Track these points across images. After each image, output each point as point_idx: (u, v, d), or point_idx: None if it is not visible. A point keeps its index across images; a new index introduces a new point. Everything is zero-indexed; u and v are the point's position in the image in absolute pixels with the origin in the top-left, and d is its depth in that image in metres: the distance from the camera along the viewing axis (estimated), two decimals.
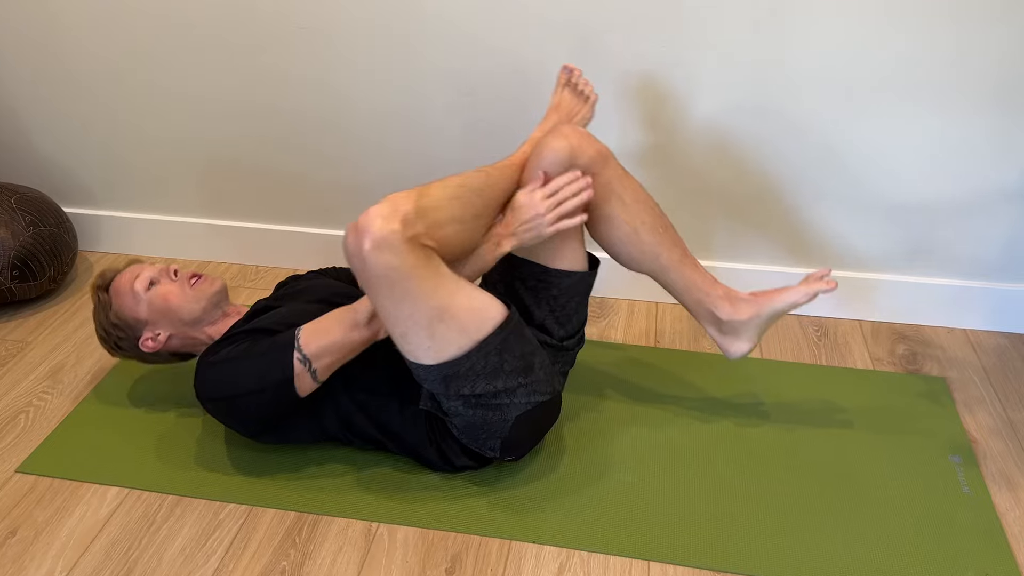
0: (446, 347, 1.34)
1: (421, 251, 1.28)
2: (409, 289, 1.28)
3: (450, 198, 1.34)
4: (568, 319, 1.57)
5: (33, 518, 1.49)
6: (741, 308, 1.55)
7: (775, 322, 1.54)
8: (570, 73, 1.65)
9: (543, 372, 1.44)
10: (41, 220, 2.00)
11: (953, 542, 1.43)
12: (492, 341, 1.36)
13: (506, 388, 1.39)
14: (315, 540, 1.44)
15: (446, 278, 1.33)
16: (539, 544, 1.43)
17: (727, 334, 1.58)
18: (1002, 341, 1.94)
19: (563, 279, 1.54)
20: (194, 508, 1.51)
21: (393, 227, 1.24)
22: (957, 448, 1.63)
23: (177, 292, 1.60)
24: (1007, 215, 1.84)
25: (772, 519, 1.48)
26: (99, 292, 1.64)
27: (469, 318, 1.34)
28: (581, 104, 1.65)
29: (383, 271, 1.26)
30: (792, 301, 1.53)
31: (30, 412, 1.73)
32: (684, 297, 1.58)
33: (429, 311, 1.31)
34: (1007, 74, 1.69)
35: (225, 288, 1.66)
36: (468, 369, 1.36)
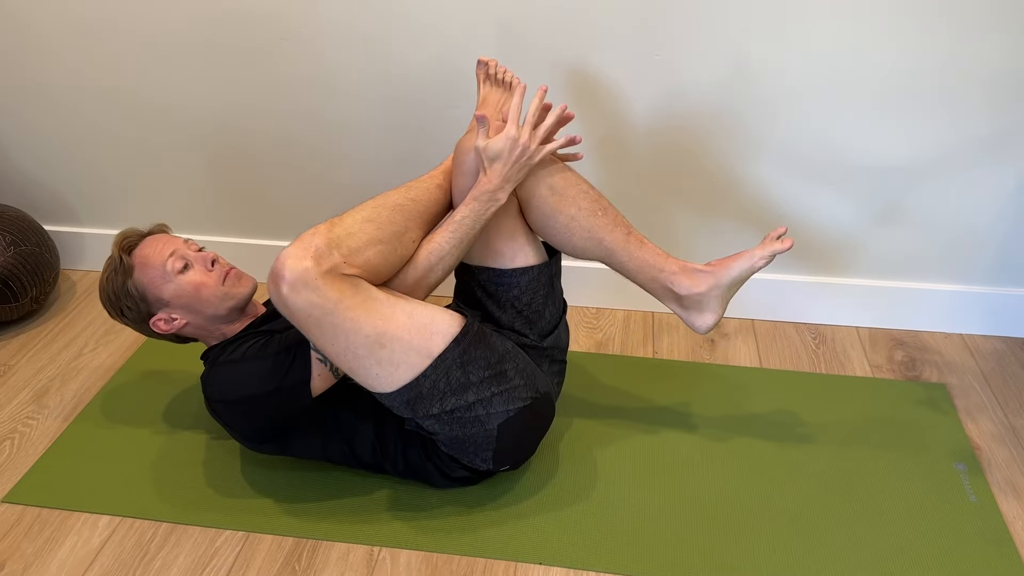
0: (397, 372, 1.31)
1: (342, 281, 1.25)
2: (338, 323, 1.25)
3: (364, 221, 1.31)
4: (538, 316, 1.52)
5: (21, 551, 1.44)
6: (698, 280, 1.47)
7: (738, 289, 1.49)
8: (486, 67, 1.60)
9: (520, 377, 1.40)
10: (22, 239, 1.94)
11: (962, 552, 1.42)
12: (449, 356, 1.33)
13: (479, 399, 1.36)
14: (315, 567, 1.41)
15: (378, 302, 1.29)
16: (545, 565, 1.40)
17: (690, 308, 1.51)
18: (999, 345, 1.93)
19: (520, 276, 1.48)
20: (189, 536, 1.46)
21: (305, 265, 1.21)
22: (961, 456, 1.62)
23: (211, 286, 1.50)
24: (1001, 220, 1.84)
25: (778, 531, 1.46)
26: (122, 253, 1.50)
27: (413, 338, 1.31)
28: (506, 94, 1.60)
29: (306, 311, 1.23)
30: (750, 265, 1.45)
31: (15, 439, 1.68)
32: (638, 277, 1.51)
33: (366, 340, 1.27)
34: (1001, 80, 1.68)
35: (255, 289, 1.57)
36: (430, 389, 1.33)
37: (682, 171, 1.87)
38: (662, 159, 1.86)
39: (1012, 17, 1.62)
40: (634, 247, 1.49)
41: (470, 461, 1.44)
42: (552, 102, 1.48)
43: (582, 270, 2.00)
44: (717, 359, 1.90)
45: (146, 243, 1.52)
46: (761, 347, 1.93)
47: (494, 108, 1.60)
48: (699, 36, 1.70)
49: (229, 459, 1.61)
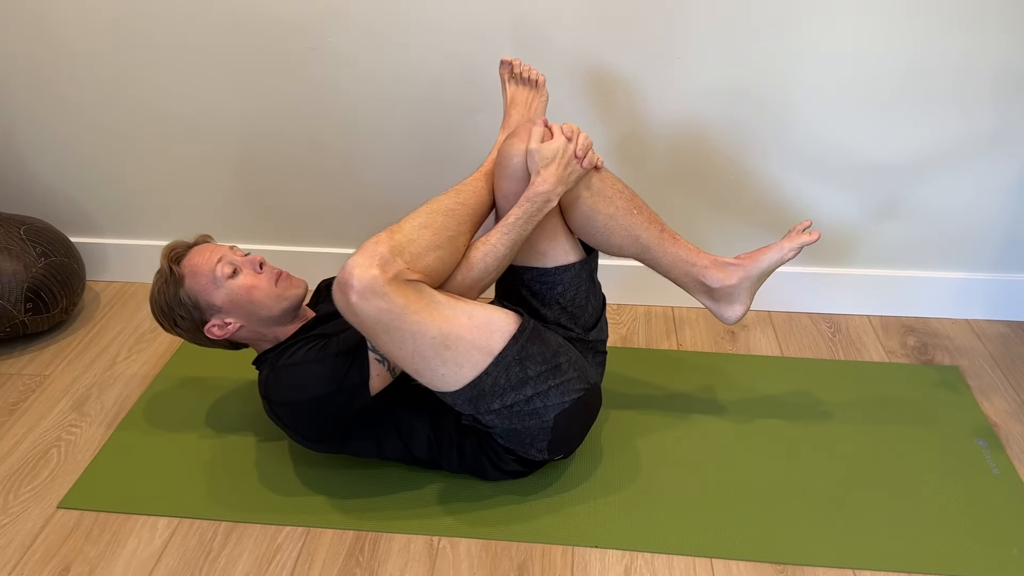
0: (461, 371, 1.37)
1: (407, 287, 1.30)
2: (405, 327, 1.30)
3: (421, 227, 1.36)
4: (582, 310, 1.58)
5: (84, 554, 1.46)
6: (730, 273, 1.55)
7: (764, 281, 1.56)
8: (510, 67, 1.66)
9: (573, 370, 1.46)
10: (52, 251, 1.95)
11: (992, 522, 1.50)
12: (509, 354, 1.39)
13: (537, 392, 1.41)
14: (378, 558, 1.44)
15: (441, 305, 1.35)
16: (601, 548, 1.46)
17: (720, 300, 1.58)
18: (1003, 329, 2.03)
19: (563, 274, 1.54)
20: (250, 534, 1.49)
21: (373, 273, 1.26)
22: (981, 432, 1.70)
23: (263, 287, 1.52)
24: (1004, 209, 1.94)
25: (817, 510, 1.52)
26: (171, 264, 1.53)
27: (476, 337, 1.36)
28: (533, 91, 1.66)
29: (375, 317, 1.28)
30: (779, 257, 1.53)
31: (61, 446, 1.69)
32: (672, 272, 1.58)
33: (432, 341, 1.33)
34: (1003, 76, 1.78)
35: (306, 291, 1.60)
36: (492, 385, 1.38)
37: (698, 169, 1.94)
38: (679, 158, 1.93)
39: (1013, 16, 1.71)
40: (668, 243, 1.55)
41: (525, 452, 1.48)
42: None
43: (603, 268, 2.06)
44: (739, 349, 1.97)
45: (193, 252, 1.55)
46: (780, 337, 2.01)
47: (523, 106, 1.65)
48: (717, 39, 1.78)
49: (279, 460, 1.65)
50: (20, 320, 1.90)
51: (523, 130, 1.45)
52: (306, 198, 2.08)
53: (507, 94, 1.67)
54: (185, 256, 1.55)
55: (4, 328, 1.90)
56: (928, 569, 1.41)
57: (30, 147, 2.07)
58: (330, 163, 2.03)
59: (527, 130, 1.44)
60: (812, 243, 1.53)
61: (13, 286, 1.87)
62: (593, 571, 1.42)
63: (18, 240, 1.91)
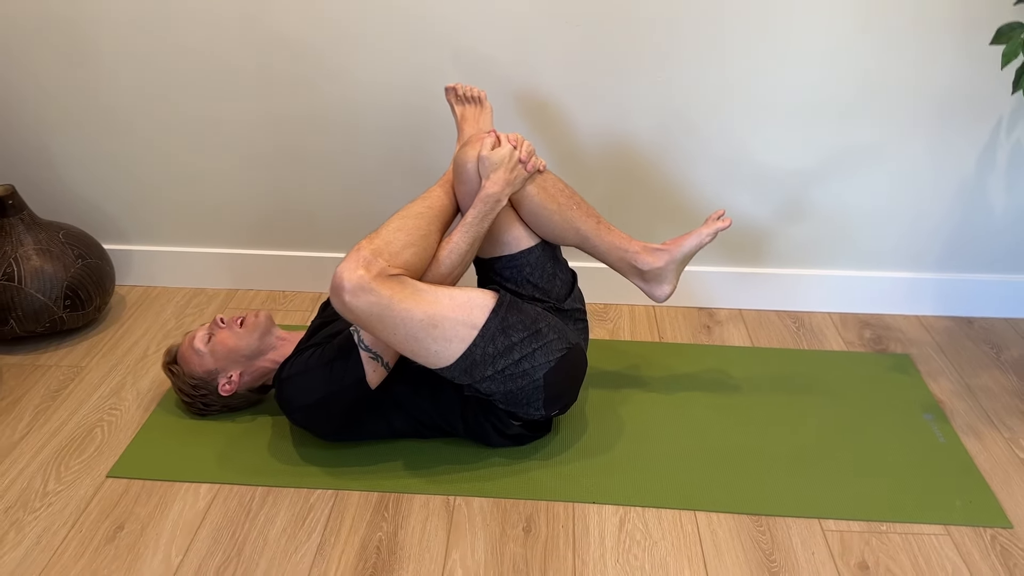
0: (451, 345, 1.57)
1: (391, 280, 1.52)
2: (395, 314, 1.51)
3: (396, 230, 1.59)
4: (551, 284, 1.78)
5: (135, 514, 1.62)
6: (658, 257, 1.78)
7: (687, 262, 1.81)
8: (454, 91, 1.92)
9: (553, 332, 1.66)
10: (87, 253, 2.13)
11: (938, 479, 1.72)
12: (491, 325, 1.59)
13: (523, 355, 1.61)
14: (401, 513, 1.62)
15: (424, 292, 1.56)
16: (598, 504, 1.65)
17: (650, 281, 1.81)
18: (949, 324, 2.27)
19: (528, 256, 1.76)
20: (284, 496, 1.67)
21: (359, 273, 1.49)
22: (928, 408, 1.93)
23: (230, 335, 1.80)
24: (950, 216, 2.19)
25: (786, 471, 1.73)
26: (170, 367, 1.84)
27: (459, 314, 1.57)
28: (478, 106, 1.92)
29: (368, 310, 1.50)
30: (698, 242, 1.76)
31: (104, 426, 1.86)
32: (608, 258, 1.79)
33: (421, 324, 1.54)
34: (948, 95, 2.04)
35: (270, 317, 1.85)
36: (482, 355, 1.58)
37: (633, 177, 2.18)
38: (616, 167, 2.17)
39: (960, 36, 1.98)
40: (604, 233, 1.78)
41: (525, 412, 1.68)
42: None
43: (591, 271, 2.27)
44: (715, 342, 2.18)
45: (179, 348, 1.85)
46: (751, 331, 2.23)
47: (473, 120, 1.91)
48: (658, 58, 2.03)
49: (305, 434, 1.82)
50: (59, 316, 2.07)
51: (474, 140, 1.68)
52: (328, 207, 2.28)
53: (456, 113, 1.93)
54: (176, 354, 1.84)
55: (44, 323, 2.06)
56: (884, 518, 1.62)
57: (63, 158, 2.26)
58: (352, 174, 2.23)
59: (478, 140, 1.67)
60: (725, 229, 1.77)
61: (54, 284, 2.04)
62: (592, 523, 1.61)
63: (58, 243, 2.09)
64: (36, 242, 2.06)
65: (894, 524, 1.61)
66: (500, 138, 1.67)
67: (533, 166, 1.67)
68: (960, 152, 2.12)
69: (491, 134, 1.67)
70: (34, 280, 2.03)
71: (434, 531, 1.59)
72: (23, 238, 2.06)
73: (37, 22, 2.08)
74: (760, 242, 2.26)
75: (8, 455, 1.77)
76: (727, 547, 1.56)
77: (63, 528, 1.59)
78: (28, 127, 2.22)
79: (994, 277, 2.26)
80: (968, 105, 2.05)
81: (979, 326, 2.26)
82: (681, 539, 1.58)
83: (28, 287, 2.02)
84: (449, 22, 2.02)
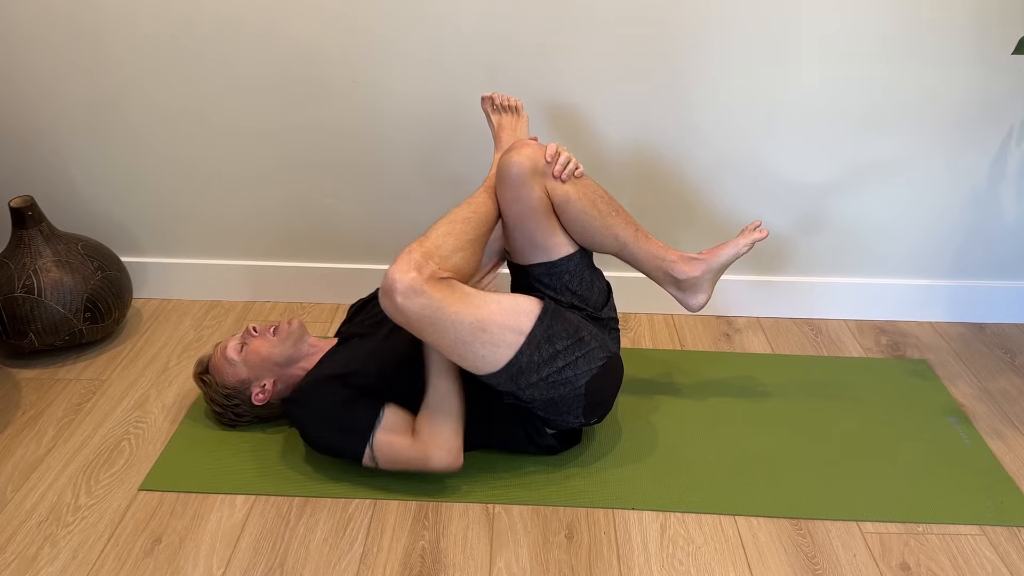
0: (498, 351, 1.57)
1: (442, 284, 1.53)
2: (446, 317, 1.52)
3: (445, 234, 1.60)
4: (589, 292, 1.78)
5: (172, 527, 1.60)
6: (694, 266, 1.79)
7: (723, 273, 1.83)
8: (491, 100, 1.94)
9: (595, 340, 1.67)
10: (106, 265, 2.11)
11: (968, 481, 1.74)
12: (537, 333, 1.60)
13: (567, 364, 1.62)
14: (442, 522, 1.62)
15: (473, 296, 1.57)
16: (638, 510, 1.65)
17: (686, 290, 1.82)
18: (961, 330, 2.31)
19: (567, 263, 1.76)
20: (322, 506, 1.65)
21: (412, 275, 1.49)
22: (951, 412, 1.96)
23: (264, 343, 1.80)
24: (961, 223, 2.23)
25: (820, 475, 1.75)
26: (202, 376, 1.83)
27: (506, 319, 1.58)
28: (514, 116, 1.94)
29: (419, 312, 1.51)
30: (735, 252, 1.77)
31: (131, 439, 1.83)
32: (645, 266, 1.80)
33: (470, 327, 1.54)
34: (961, 105, 2.08)
35: (303, 324, 1.84)
36: (528, 363, 1.59)
37: (656, 186, 2.21)
38: (640, 175, 2.19)
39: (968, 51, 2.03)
40: (642, 240, 1.79)
41: (564, 420, 1.68)
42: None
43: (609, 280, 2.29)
44: (735, 349, 2.20)
45: (211, 358, 1.84)
46: (770, 338, 2.25)
47: (510, 129, 1.92)
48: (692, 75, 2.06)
49: None
50: (79, 328, 2.04)
51: (519, 145, 1.69)
52: (349, 217, 2.28)
53: (493, 123, 1.94)
54: (208, 364, 1.84)
55: (64, 336, 2.03)
56: (920, 519, 1.64)
57: (79, 169, 2.23)
58: (375, 184, 2.23)
59: (524, 145, 1.68)
60: (762, 239, 1.79)
61: (74, 296, 2.02)
62: (633, 529, 1.61)
63: (77, 255, 2.06)
64: (55, 254, 2.04)
65: (930, 525, 1.63)
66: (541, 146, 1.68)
67: (569, 173, 1.69)
68: (972, 161, 2.16)
69: (534, 141, 1.68)
70: (54, 292, 2.00)
71: (476, 539, 1.58)
72: (42, 250, 2.03)
73: (57, 33, 2.07)
74: (777, 251, 2.28)
75: (35, 469, 1.74)
76: (769, 551, 1.57)
77: (99, 542, 1.56)
78: (45, 138, 2.19)
79: (1005, 283, 2.30)
80: (980, 115, 2.10)
81: (991, 331, 2.30)
82: (723, 543, 1.58)
83: (48, 299, 2.00)
84: (478, 30, 2.04)
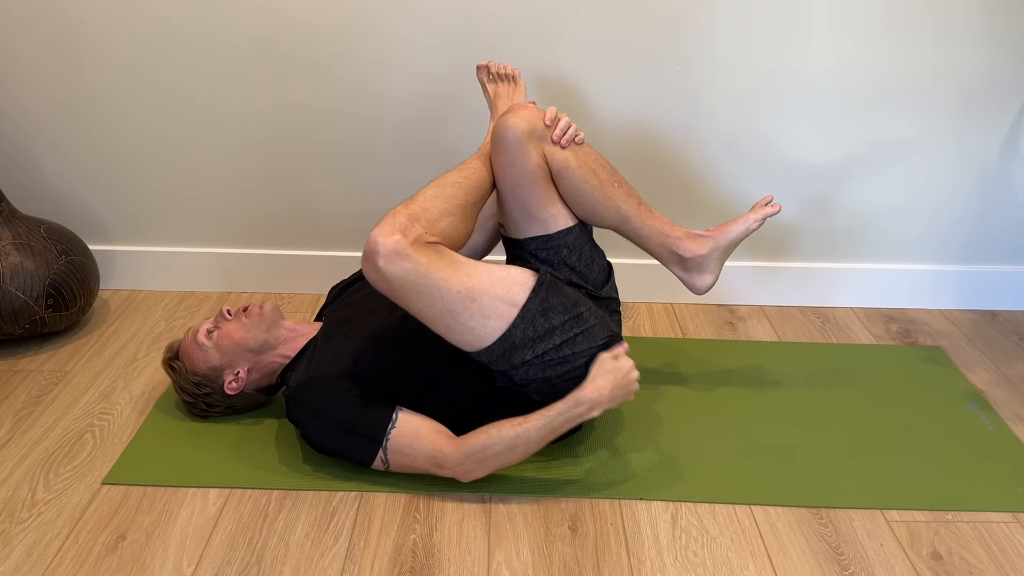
0: (488, 323, 1.45)
1: (428, 248, 1.40)
2: (432, 283, 1.40)
3: (433, 198, 1.47)
4: (589, 269, 1.66)
5: (138, 522, 1.46)
6: (701, 244, 1.67)
7: (731, 252, 1.70)
8: (487, 69, 1.83)
9: (595, 318, 1.54)
10: (71, 250, 1.97)
11: (995, 467, 1.63)
12: (531, 306, 1.47)
13: (564, 340, 1.49)
14: (434, 514, 1.48)
15: (462, 263, 1.45)
16: (646, 500, 1.53)
17: (691, 270, 1.70)
18: (973, 317, 2.21)
19: (566, 236, 1.63)
20: (303, 499, 1.52)
21: (395, 238, 1.37)
22: (971, 397, 1.85)
23: (237, 327, 1.66)
24: (970, 205, 2.14)
25: (839, 464, 1.63)
26: (171, 362, 1.69)
27: (498, 289, 1.46)
28: (511, 85, 1.83)
29: (403, 278, 1.38)
30: (745, 228, 1.66)
31: (95, 431, 1.69)
32: (649, 243, 1.68)
33: (458, 296, 1.42)
34: (969, 85, 2.00)
35: (276, 308, 1.70)
36: (521, 338, 1.46)
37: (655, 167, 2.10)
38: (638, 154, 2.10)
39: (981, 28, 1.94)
40: (645, 215, 1.68)
41: None
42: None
43: None
44: (740, 338, 2.09)
45: (180, 343, 1.70)
46: (776, 327, 2.14)
47: (507, 99, 1.80)
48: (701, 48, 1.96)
49: None
50: (40, 317, 1.90)
51: (516, 108, 1.55)
52: (333, 201, 2.15)
53: (489, 92, 1.82)
54: (177, 350, 1.69)
55: (24, 324, 1.89)
56: (948, 507, 1.52)
57: (44, 151, 2.10)
58: (360, 166, 2.11)
59: (520, 107, 1.55)
60: (774, 215, 1.68)
61: (35, 282, 1.88)
62: (642, 520, 1.49)
63: (39, 238, 1.92)
64: (15, 236, 1.90)
65: (960, 513, 1.51)
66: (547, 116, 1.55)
67: (569, 138, 1.57)
68: (981, 141, 2.07)
69: (532, 104, 1.56)
70: (13, 277, 1.86)
71: (472, 532, 1.45)
72: (1, 232, 1.89)
73: (22, 5, 1.94)
74: (781, 236, 2.18)
75: None
76: (790, 540, 1.45)
77: (56, 539, 1.42)
78: (8, 116, 2.05)
79: (1018, 268, 2.21)
80: (989, 94, 2.02)
81: (1004, 319, 2.20)
82: (740, 534, 1.46)
83: (7, 284, 1.85)
84: (470, 5, 1.93)
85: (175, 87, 2.02)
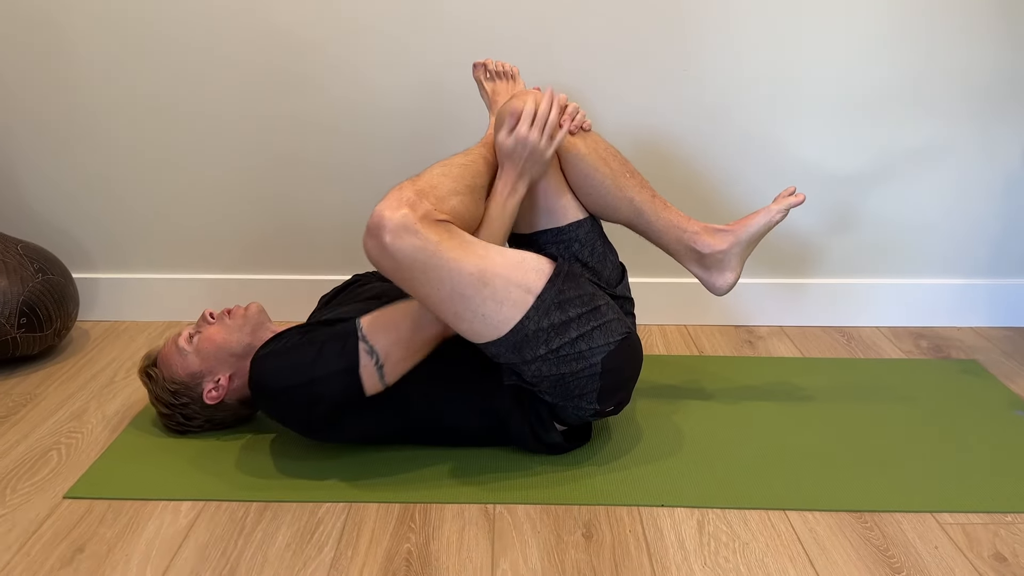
0: (502, 309, 1.31)
1: (438, 225, 1.27)
2: (442, 264, 1.26)
3: (441, 175, 1.36)
4: (602, 265, 1.55)
5: (99, 535, 1.30)
6: (720, 239, 1.55)
7: (754, 247, 1.57)
8: (484, 68, 1.73)
9: (613, 312, 1.41)
10: (48, 268, 1.86)
11: None
12: (547, 296, 1.34)
13: (580, 334, 1.35)
14: (431, 524, 1.33)
15: (474, 244, 1.31)
16: (668, 507, 1.37)
17: (711, 268, 1.57)
18: (1007, 333, 2.07)
19: (577, 230, 1.53)
20: (286, 510, 1.36)
21: (403, 211, 1.24)
22: (1017, 404, 1.70)
23: (220, 329, 1.53)
24: (997, 215, 2.03)
25: (879, 468, 1.48)
26: (149, 369, 1.55)
27: (512, 274, 1.32)
28: (511, 83, 1.72)
29: (411, 255, 1.25)
30: (767, 220, 1.54)
31: (61, 449, 1.54)
32: (664, 238, 1.57)
33: (470, 278, 1.28)
34: (991, 90, 1.92)
35: (262, 310, 1.58)
36: (535, 330, 1.33)
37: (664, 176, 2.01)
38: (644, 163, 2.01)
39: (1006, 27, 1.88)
40: (660, 208, 1.56)
41: (575, 405, 1.41)
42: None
43: None
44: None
45: (160, 349, 1.57)
46: (798, 345, 2.00)
47: (506, 96, 1.69)
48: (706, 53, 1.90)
49: (307, 444, 1.53)
50: (11, 337, 1.78)
51: (521, 94, 1.45)
52: (328, 222, 2.05)
53: (487, 91, 1.73)
54: (156, 357, 1.56)
55: None
56: (1007, 509, 1.36)
57: (26, 173, 2.01)
58: (356, 184, 2.02)
59: (525, 93, 1.45)
60: (798, 204, 1.56)
61: (8, 299, 1.76)
62: (665, 527, 1.32)
63: (15, 255, 1.82)
64: None
65: (1020, 515, 1.35)
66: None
67: (577, 124, 1.48)
68: (1006, 148, 1.98)
69: (536, 90, 1.46)
70: None
71: (474, 539, 1.29)
72: None
73: (4, 14, 1.89)
74: (801, 252, 2.07)
75: None
76: (832, 545, 1.28)
77: (4, 553, 1.26)
78: None
79: None
80: (1014, 98, 1.94)
81: None
82: (776, 539, 1.30)
83: None
84: (466, 13, 1.88)
85: (162, 104, 1.95)
